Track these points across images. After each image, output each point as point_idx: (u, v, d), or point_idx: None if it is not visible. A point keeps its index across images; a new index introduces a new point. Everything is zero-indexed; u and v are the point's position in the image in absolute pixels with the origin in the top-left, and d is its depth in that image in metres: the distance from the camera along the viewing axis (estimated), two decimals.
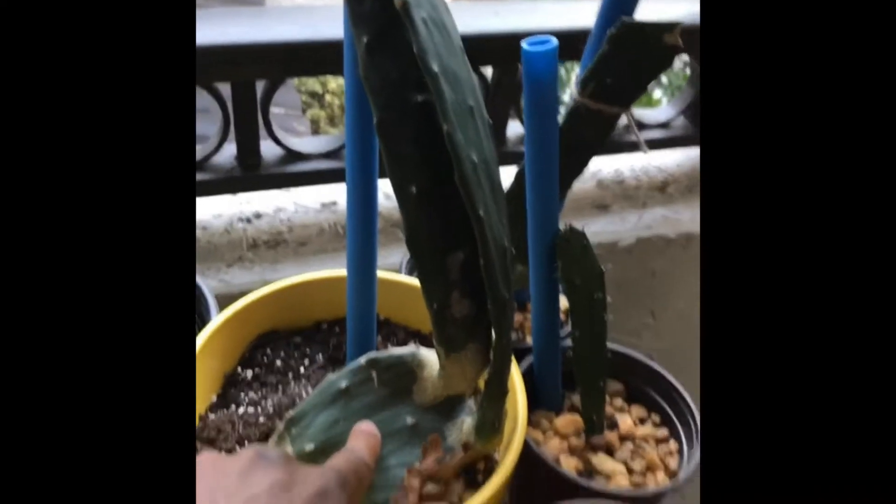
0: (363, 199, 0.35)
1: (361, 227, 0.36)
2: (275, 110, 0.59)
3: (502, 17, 0.63)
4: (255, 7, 0.65)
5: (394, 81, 0.28)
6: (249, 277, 0.59)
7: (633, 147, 0.69)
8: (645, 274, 0.72)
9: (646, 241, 0.69)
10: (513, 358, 0.37)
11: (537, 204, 0.35)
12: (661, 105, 0.74)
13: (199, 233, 0.61)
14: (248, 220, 0.63)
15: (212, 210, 0.63)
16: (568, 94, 0.34)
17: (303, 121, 2.52)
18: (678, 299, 0.76)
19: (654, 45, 0.31)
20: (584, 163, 0.37)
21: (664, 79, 1.69)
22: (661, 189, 0.74)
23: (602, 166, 0.75)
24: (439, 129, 0.27)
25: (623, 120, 0.36)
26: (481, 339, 0.31)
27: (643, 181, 0.74)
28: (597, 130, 0.35)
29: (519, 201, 0.37)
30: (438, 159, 0.28)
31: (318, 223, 0.65)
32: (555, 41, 0.30)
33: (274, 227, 0.64)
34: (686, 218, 0.71)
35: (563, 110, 0.36)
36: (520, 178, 0.38)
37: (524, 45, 0.30)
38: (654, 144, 0.72)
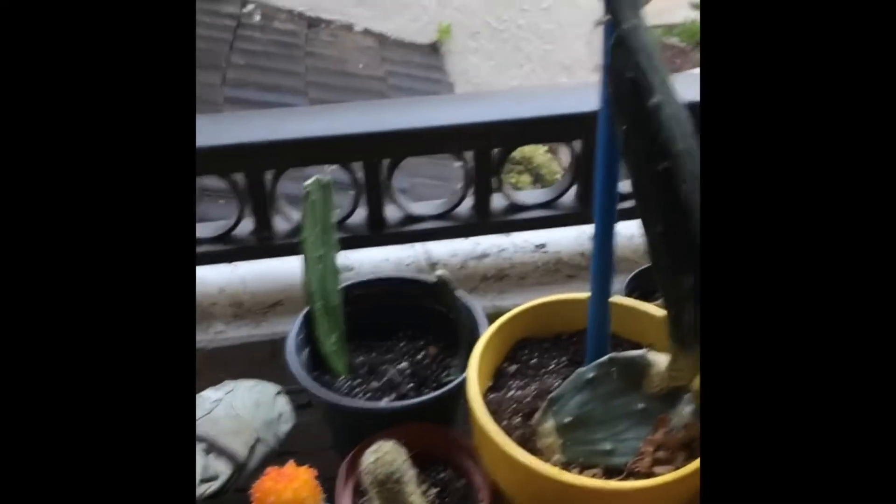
0: (606, 237, 0.48)
1: (603, 260, 0.49)
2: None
3: None
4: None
5: (645, 156, 0.40)
6: (483, 304, 0.73)
7: None
8: None
9: None
10: None
11: None
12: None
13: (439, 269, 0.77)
14: (479, 259, 0.78)
15: (450, 250, 0.78)
16: None
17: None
18: None
19: None
20: None
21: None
22: None
23: None
24: (675, 188, 0.38)
25: None
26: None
27: None
28: None
29: None
30: (674, 209, 0.40)
31: (533, 262, 0.78)
32: None
33: (498, 265, 0.78)
34: None
35: None
36: None
37: None
38: None
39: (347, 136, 0.67)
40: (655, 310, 0.53)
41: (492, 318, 0.55)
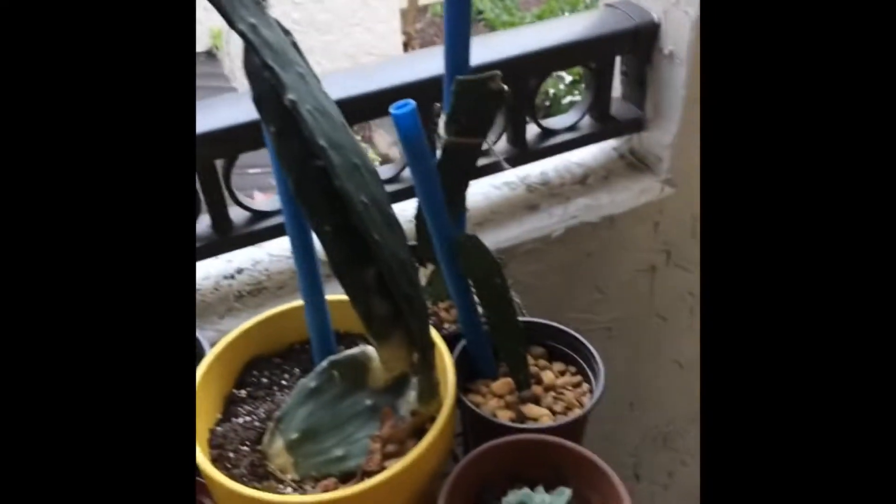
0: (302, 243, 0.46)
1: (305, 265, 0.47)
2: (251, 171, 0.70)
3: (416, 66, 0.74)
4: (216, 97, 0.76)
5: (298, 155, 0.39)
6: (240, 323, 0.69)
7: (543, 154, 0.80)
8: (581, 257, 0.83)
9: (574, 229, 0.80)
10: (440, 338, 0.47)
11: (432, 221, 0.46)
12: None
13: None
14: (232, 277, 0.74)
15: (199, 274, 0.74)
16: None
17: None
18: (618, 273, 0.87)
19: (486, 91, 0.42)
20: (466, 182, 0.48)
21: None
22: (581, 182, 0.85)
23: (529, 172, 0.86)
24: (332, 184, 0.37)
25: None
26: (402, 328, 0.42)
27: (566, 178, 0.85)
28: (467, 157, 0.46)
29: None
30: (341, 205, 0.39)
31: (291, 268, 0.75)
32: (412, 103, 0.41)
33: (255, 279, 0.74)
34: (605, 202, 0.82)
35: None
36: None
37: (391, 109, 0.41)
38: (568, 145, 0.83)
39: None
40: None
41: None
